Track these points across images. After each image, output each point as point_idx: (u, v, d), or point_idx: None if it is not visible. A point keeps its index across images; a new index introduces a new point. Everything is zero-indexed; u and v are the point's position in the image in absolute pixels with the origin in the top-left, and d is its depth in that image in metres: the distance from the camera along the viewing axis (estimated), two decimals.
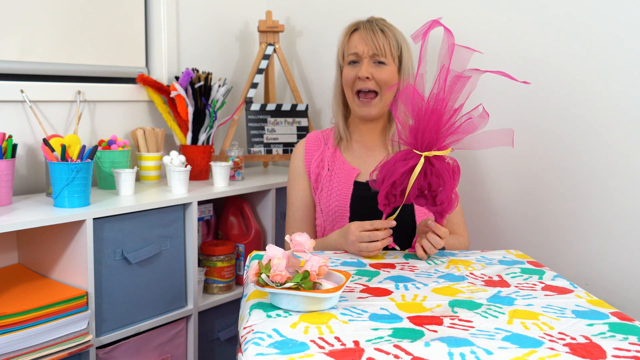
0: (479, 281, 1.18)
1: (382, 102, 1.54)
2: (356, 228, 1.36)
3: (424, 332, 0.91)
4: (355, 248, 1.36)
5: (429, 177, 1.27)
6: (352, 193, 1.54)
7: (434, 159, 1.26)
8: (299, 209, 1.62)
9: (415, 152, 1.27)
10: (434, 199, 1.30)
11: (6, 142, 1.48)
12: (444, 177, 1.27)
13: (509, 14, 1.77)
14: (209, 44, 2.21)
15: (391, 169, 1.29)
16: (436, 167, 1.27)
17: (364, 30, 1.54)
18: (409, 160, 1.27)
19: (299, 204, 1.61)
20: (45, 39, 1.73)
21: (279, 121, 2.19)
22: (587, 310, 1.02)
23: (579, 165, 1.69)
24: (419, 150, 1.27)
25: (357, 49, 1.53)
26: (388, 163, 1.30)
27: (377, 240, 1.33)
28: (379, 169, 1.32)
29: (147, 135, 1.85)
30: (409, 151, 1.29)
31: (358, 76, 1.52)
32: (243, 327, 0.95)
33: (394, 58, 1.54)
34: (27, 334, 1.29)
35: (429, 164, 1.26)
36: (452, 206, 1.31)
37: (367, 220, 1.36)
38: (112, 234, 1.50)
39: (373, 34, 1.53)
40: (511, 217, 1.84)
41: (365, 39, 1.53)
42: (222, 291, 1.88)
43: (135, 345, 1.58)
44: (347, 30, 1.59)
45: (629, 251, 1.62)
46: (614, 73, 1.60)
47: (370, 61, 1.53)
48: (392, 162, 1.30)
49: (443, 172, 1.27)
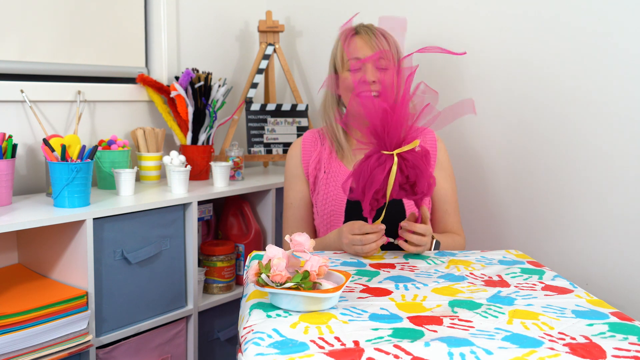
0: (479, 281, 1.18)
1: None
2: (348, 231, 1.36)
3: (424, 332, 0.91)
4: (351, 250, 1.37)
5: (405, 171, 1.27)
6: (348, 199, 1.53)
7: (405, 153, 1.27)
8: (298, 209, 1.61)
9: (386, 153, 1.27)
10: (413, 189, 1.30)
11: (6, 142, 1.48)
12: (419, 167, 1.27)
13: (503, 16, 1.77)
14: (209, 44, 2.21)
15: (369, 179, 1.27)
16: (410, 160, 1.27)
17: (365, 35, 1.51)
18: (384, 164, 1.26)
19: (298, 204, 1.61)
20: (45, 39, 1.73)
21: (279, 121, 2.19)
22: (587, 310, 1.02)
23: (578, 166, 1.69)
24: (388, 150, 1.27)
25: (361, 53, 1.50)
26: (363, 172, 1.29)
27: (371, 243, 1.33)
28: (353, 180, 1.31)
29: (147, 135, 1.85)
30: (379, 155, 1.28)
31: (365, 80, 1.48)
32: (243, 327, 0.95)
33: (395, 62, 1.53)
34: (27, 334, 1.29)
35: (402, 159, 1.27)
36: (432, 190, 1.31)
37: (357, 222, 1.36)
38: (112, 234, 1.50)
39: (376, 38, 1.50)
40: (511, 217, 1.84)
41: (369, 43, 1.50)
42: (222, 291, 1.88)
43: (135, 345, 1.58)
44: (345, 36, 1.54)
45: (629, 251, 1.62)
46: (612, 73, 1.60)
47: (373, 65, 1.50)
48: (367, 170, 1.28)
49: (417, 161, 1.27)
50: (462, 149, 1.90)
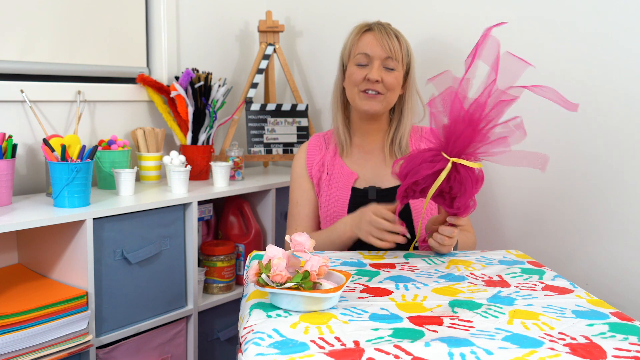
0: (479, 281, 1.18)
1: (386, 100, 1.52)
2: (372, 211, 1.34)
3: (424, 332, 0.91)
4: (366, 229, 1.34)
5: (451, 181, 1.25)
6: (350, 199, 1.53)
7: (460, 166, 1.24)
8: (304, 207, 1.61)
9: (444, 156, 1.24)
10: (452, 201, 1.28)
11: (6, 142, 1.48)
12: (466, 185, 1.25)
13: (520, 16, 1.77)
14: (209, 44, 2.21)
15: (416, 168, 1.26)
16: (461, 174, 1.24)
17: (378, 33, 1.50)
18: (436, 164, 1.24)
19: (304, 202, 1.61)
20: (45, 39, 1.73)
21: (279, 121, 2.19)
22: (587, 310, 1.02)
23: (578, 166, 1.69)
24: (448, 154, 1.24)
25: (369, 49, 1.49)
26: (414, 159, 1.27)
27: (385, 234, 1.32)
28: (405, 161, 1.29)
29: (147, 135, 1.85)
30: (437, 152, 1.26)
31: (368, 77, 1.48)
32: (243, 327, 0.95)
33: (404, 65, 1.53)
34: (27, 334, 1.29)
35: (455, 170, 1.24)
36: (468, 212, 1.29)
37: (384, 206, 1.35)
38: (112, 234, 1.50)
39: (388, 38, 1.49)
40: (511, 217, 1.84)
41: (380, 41, 1.49)
42: (222, 291, 1.88)
43: (135, 345, 1.58)
44: (359, 29, 1.54)
45: (629, 251, 1.62)
46: (616, 73, 1.60)
47: (380, 64, 1.50)
48: (418, 160, 1.26)
49: (466, 180, 1.24)
50: None
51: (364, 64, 1.51)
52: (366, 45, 1.50)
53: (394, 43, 1.50)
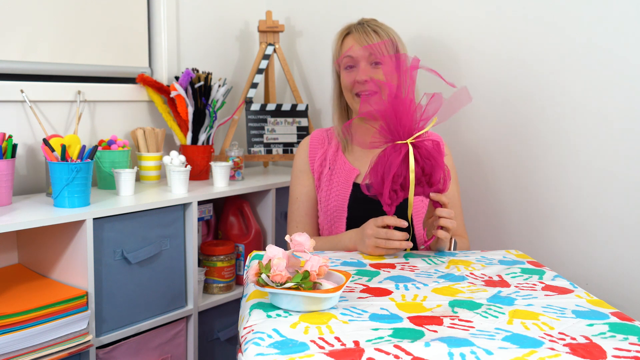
0: (479, 281, 1.18)
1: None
2: (374, 222, 1.35)
3: (424, 332, 0.91)
4: (371, 243, 1.34)
5: (420, 161, 1.29)
6: (351, 194, 1.54)
7: (419, 143, 1.28)
8: (303, 204, 1.61)
9: (400, 143, 1.28)
10: (429, 181, 1.31)
11: (6, 142, 1.48)
12: (433, 155, 1.29)
13: (501, 14, 1.77)
14: (209, 44, 2.21)
15: (387, 166, 1.28)
16: (423, 149, 1.28)
17: (356, 33, 1.53)
18: (400, 150, 1.28)
19: (304, 199, 1.61)
20: (45, 39, 1.73)
21: (279, 121, 2.19)
22: (587, 310, 1.02)
23: (578, 165, 1.69)
24: (402, 139, 1.28)
25: (352, 52, 1.52)
26: (379, 162, 1.30)
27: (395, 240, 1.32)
28: (372, 171, 1.31)
29: (147, 135, 1.85)
30: (393, 145, 1.29)
31: (356, 80, 1.50)
32: (243, 327, 0.95)
33: (389, 52, 1.53)
34: (27, 334, 1.29)
35: (416, 148, 1.28)
36: (447, 183, 1.32)
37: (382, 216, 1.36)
38: (112, 234, 1.50)
39: (366, 35, 1.51)
40: (511, 217, 1.84)
41: (359, 41, 1.51)
42: (222, 291, 1.88)
43: (135, 345, 1.58)
44: (340, 36, 1.57)
45: (629, 251, 1.62)
46: (610, 73, 1.61)
47: (367, 63, 1.51)
48: (383, 158, 1.30)
49: (431, 150, 1.29)
50: (462, 149, 1.90)
51: (352, 65, 1.53)
52: (348, 49, 1.53)
53: (373, 38, 1.51)
